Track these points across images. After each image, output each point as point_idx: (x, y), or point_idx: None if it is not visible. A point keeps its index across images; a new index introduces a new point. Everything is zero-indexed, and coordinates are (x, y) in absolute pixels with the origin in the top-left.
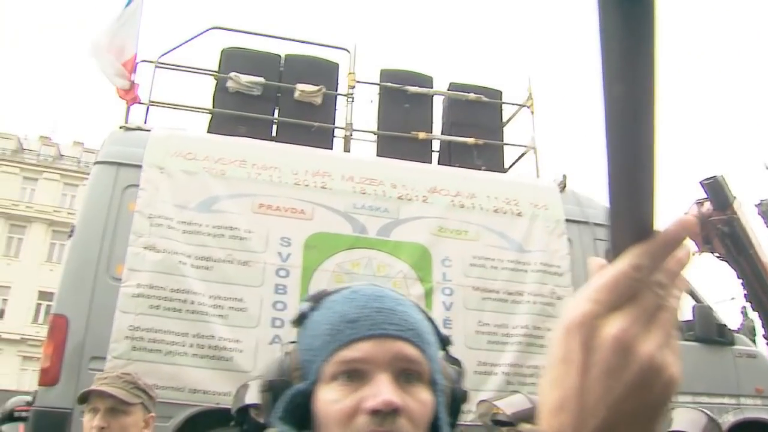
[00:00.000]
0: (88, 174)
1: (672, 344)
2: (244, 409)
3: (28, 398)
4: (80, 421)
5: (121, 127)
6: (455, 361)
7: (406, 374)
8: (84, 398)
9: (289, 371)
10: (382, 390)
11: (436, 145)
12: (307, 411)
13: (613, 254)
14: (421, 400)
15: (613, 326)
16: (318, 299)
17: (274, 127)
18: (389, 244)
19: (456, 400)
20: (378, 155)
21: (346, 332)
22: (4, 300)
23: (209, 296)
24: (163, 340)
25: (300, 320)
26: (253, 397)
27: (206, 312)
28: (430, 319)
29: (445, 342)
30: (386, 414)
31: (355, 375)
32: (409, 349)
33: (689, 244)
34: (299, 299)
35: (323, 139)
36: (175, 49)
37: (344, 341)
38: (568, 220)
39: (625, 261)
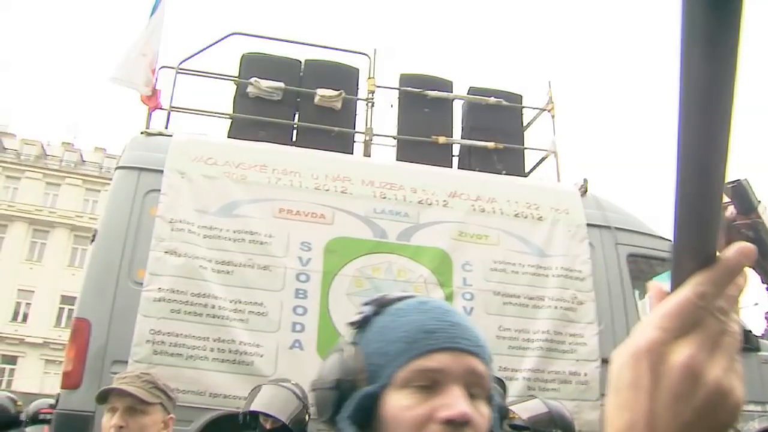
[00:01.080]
0: (110, 179)
1: (736, 368)
2: (255, 413)
3: (51, 401)
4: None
5: (142, 133)
6: (499, 380)
7: (472, 389)
8: (103, 397)
9: (355, 372)
10: (458, 402)
11: (456, 150)
12: (369, 414)
13: (675, 282)
14: (483, 414)
15: (682, 353)
16: (382, 305)
17: (294, 132)
18: (410, 249)
19: (501, 417)
20: (398, 160)
21: (423, 342)
22: (28, 304)
23: (230, 300)
24: (184, 344)
25: (363, 323)
26: (264, 401)
27: (227, 316)
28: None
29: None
30: (458, 425)
31: (429, 384)
32: (479, 365)
33: (748, 271)
34: (319, 304)
35: (343, 143)
36: (195, 55)
37: (422, 351)
38: (589, 225)
39: (690, 289)
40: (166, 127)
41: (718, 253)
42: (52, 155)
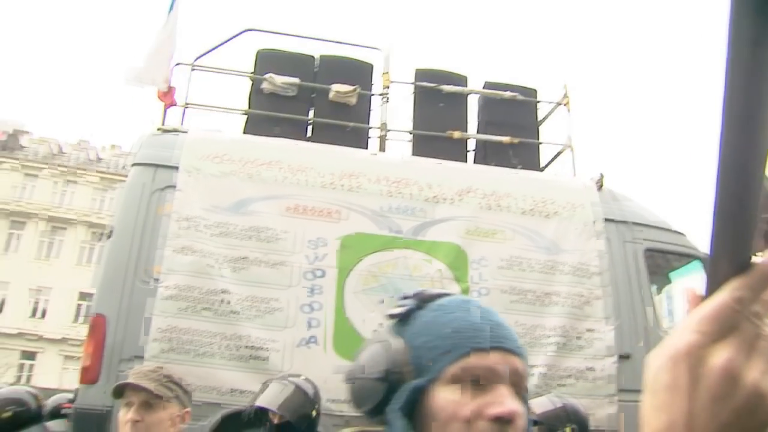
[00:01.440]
0: (125, 177)
1: None
2: (265, 409)
3: (70, 396)
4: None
5: (158, 129)
6: None
7: (514, 387)
8: (119, 392)
9: (402, 365)
10: (507, 400)
11: (471, 145)
12: (413, 406)
13: (712, 286)
14: (523, 413)
15: (720, 356)
16: (423, 300)
17: (310, 127)
18: (424, 244)
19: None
20: (413, 155)
21: (474, 340)
22: (46, 300)
23: (243, 297)
24: (198, 341)
25: (406, 316)
26: (269, 397)
27: (240, 313)
28: None
29: None
30: (505, 422)
31: (477, 382)
32: (522, 366)
33: None
34: (335, 299)
35: (358, 139)
36: (210, 51)
37: (473, 348)
38: (605, 220)
39: (727, 293)
40: (182, 124)
41: (753, 259)
42: (67, 153)
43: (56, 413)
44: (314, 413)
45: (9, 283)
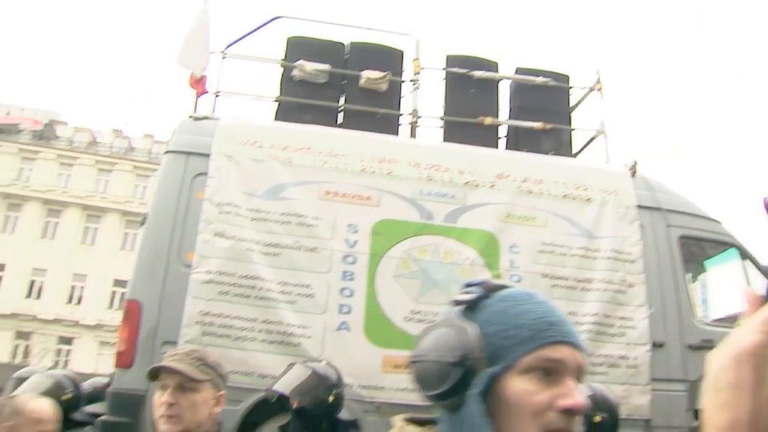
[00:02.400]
0: (159, 165)
1: None
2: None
3: (105, 379)
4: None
5: (190, 117)
6: None
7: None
8: (154, 375)
9: (476, 351)
10: (576, 393)
11: (502, 131)
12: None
13: None
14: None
15: None
16: (490, 289)
17: (340, 114)
18: (456, 231)
19: None
20: (444, 141)
21: (549, 332)
22: (82, 287)
23: (277, 282)
24: (233, 326)
25: (474, 304)
26: (285, 382)
27: (274, 298)
28: None
29: None
30: (572, 414)
31: (549, 373)
32: (584, 361)
33: None
34: (366, 285)
35: (389, 125)
36: (241, 39)
37: (549, 340)
38: (639, 206)
39: None
40: (213, 112)
41: None
42: (102, 142)
43: (93, 397)
44: (332, 398)
45: (46, 270)
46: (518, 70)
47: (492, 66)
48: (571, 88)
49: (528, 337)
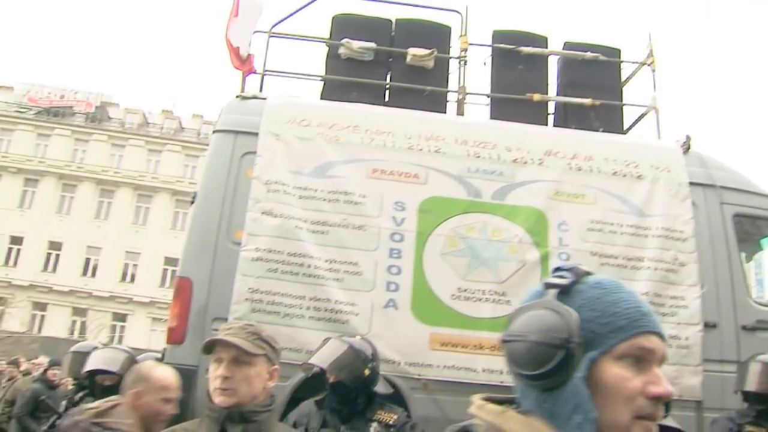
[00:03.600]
0: (208, 145)
1: None
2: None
3: (157, 354)
4: (206, 378)
5: (237, 97)
6: None
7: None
8: (209, 348)
9: (575, 335)
10: (664, 381)
11: (551, 108)
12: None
13: None
14: None
15: None
16: (580, 275)
17: (387, 92)
18: (504, 209)
19: None
20: (491, 119)
21: (644, 321)
22: (135, 265)
23: (325, 260)
24: (281, 303)
25: (568, 289)
26: (322, 356)
27: (322, 276)
28: None
29: None
30: (658, 401)
31: (639, 361)
32: (666, 352)
33: None
34: (413, 263)
35: (436, 103)
36: (287, 18)
37: (644, 330)
38: (691, 183)
39: None
40: (261, 91)
41: None
42: (153, 123)
43: None
44: (367, 372)
45: (100, 249)
46: (567, 45)
47: (540, 41)
48: (622, 62)
49: (624, 325)
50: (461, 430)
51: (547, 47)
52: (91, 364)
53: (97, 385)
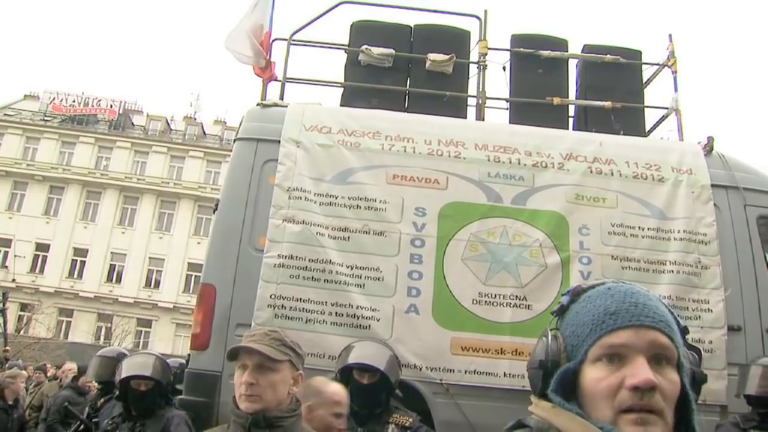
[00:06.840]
0: (230, 151)
1: None
2: (347, 369)
3: (182, 360)
4: (230, 383)
5: (258, 104)
6: (694, 348)
7: (657, 358)
8: (233, 355)
9: (558, 353)
10: (641, 370)
11: (571, 111)
12: (572, 386)
13: None
14: (671, 380)
15: None
16: (576, 294)
17: (407, 98)
18: (525, 213)
19: (696, 381)
20: (512, 123)
21: (608, 322)
22: (158, 271)
23: (346, 266)
24: (304, 309)
25: (562, 311)
26: (376, 358)
27: (344, 281)
28: (671, 312)
29: (684, 331)
30: (644, 390)
31: (616, 358)
32: (661, 338)
33: None
34: (434, 268)
35: (456, 108)
36: (306, 26)
37: (607, 330)
38: (714, 185)
39: None
40: (281, 98)
41: None
42: (175, 130)
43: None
44: (400, 372)
45: (125, 255)
46: (587, 48)
47: (560, 44)
48: (642, 64)
49: (590, 330)
50: (518, 425)
51: (566, 50)
52: (125, 371)
53: (131, 390)
